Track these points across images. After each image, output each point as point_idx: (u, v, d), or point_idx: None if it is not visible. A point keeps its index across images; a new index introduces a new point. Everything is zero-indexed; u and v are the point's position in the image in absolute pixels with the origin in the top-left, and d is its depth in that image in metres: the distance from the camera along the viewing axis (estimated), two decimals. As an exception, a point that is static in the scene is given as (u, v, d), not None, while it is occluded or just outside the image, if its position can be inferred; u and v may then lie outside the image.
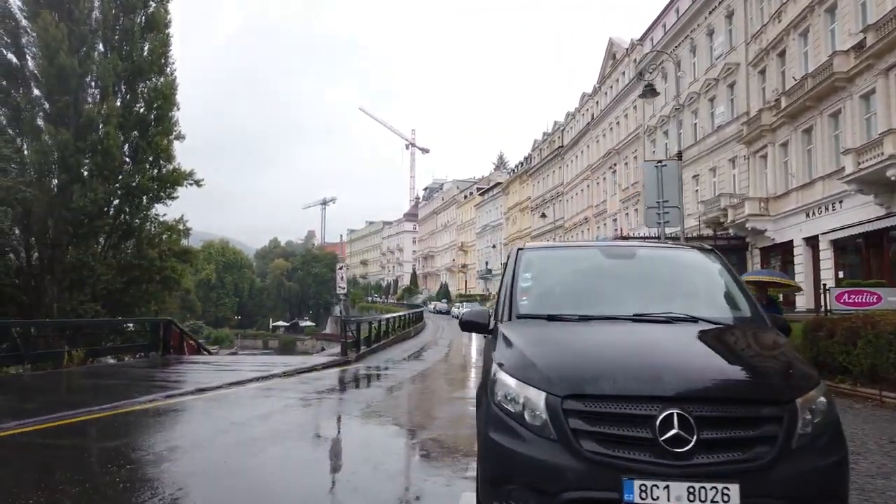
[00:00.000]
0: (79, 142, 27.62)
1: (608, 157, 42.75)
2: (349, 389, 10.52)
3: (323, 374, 12.01)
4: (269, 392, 9.18)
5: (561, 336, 3.14)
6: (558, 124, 57.73)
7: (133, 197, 30.43)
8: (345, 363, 13.78)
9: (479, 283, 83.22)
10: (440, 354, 19.44)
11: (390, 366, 14.62)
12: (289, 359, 15.46)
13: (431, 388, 11.18)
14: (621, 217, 40.67)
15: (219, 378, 10.19)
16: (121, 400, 7.63)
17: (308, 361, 13.69)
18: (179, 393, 8.43)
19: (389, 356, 17.29)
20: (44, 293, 28.62)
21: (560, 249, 5.09)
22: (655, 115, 35.29)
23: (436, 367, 14.82)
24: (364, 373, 12.91)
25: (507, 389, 2.79)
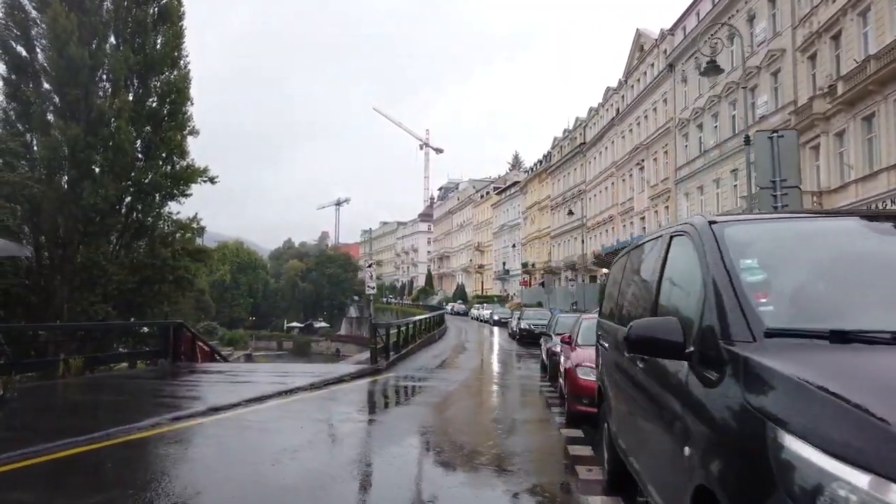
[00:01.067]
0: (89, 137, 26.60)
1: (635, 153, 41.09)
2: (391, 408, 9.20)
3: (353, 386, 10.75)
4: (295, 412, 7.84)
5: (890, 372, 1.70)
6: (580, 120, 56.08)
7: (145, 194, 29.37)
8: (375, 372, 12.45)
9: (495, 284, 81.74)
10: (474, 360, 18.14)
11: (426, 375, 13.34)
12: (312, 367, 14.00)
13: (484, 405, 9.82)
14: (650, 215, 38.99)
15: (235, 393, 8.81)
16: (114, 425, 6.16)
17: (335, 371, 12.30)
18: (188, 414, 6.97)
19: (420, 363, 16.00)
20: (53, 294, 27.62)
21: (788, 222, 3.11)
22: (688, 107, 33.61)
23: (476, 377, 13.60)
24: (400, 384, 11.63)
25: (825, 478, 1.42)
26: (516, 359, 18.77)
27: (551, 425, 7.48)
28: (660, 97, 37.54)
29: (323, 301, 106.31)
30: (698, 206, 32.39)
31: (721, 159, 29.76)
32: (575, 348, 7.87)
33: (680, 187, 34.55)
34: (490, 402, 10.18)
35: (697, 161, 32.40)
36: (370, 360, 13.13)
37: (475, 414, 8.83)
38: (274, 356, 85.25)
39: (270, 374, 12.08)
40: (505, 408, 9.50)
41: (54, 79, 27.40)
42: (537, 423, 7.75)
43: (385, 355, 13.81)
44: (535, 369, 15.04)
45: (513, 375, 14.26)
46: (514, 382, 12.90)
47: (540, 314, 24.90)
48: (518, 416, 8.71)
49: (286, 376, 11.34)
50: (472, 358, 19.15)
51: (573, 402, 7.00)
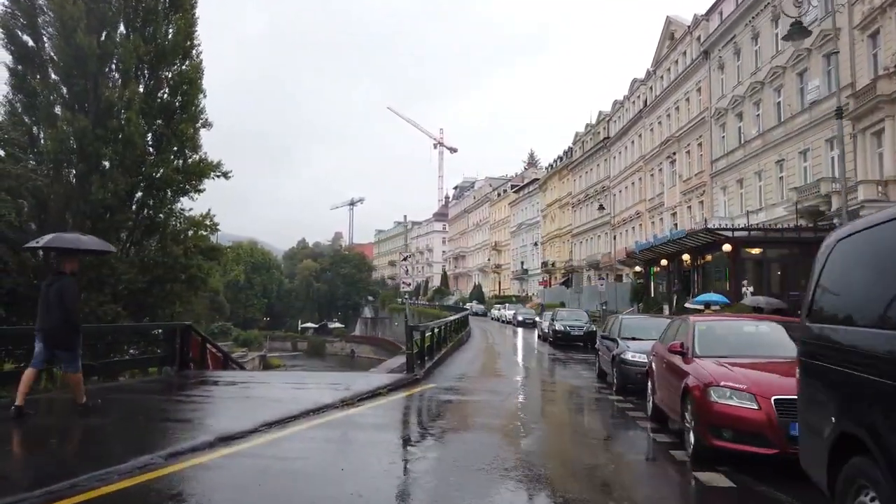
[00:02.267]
0: (98, 129, 25.37)
1: (665, 146, 39.20)
2: (450, 436, 6.93)
3: (393, 402, 9.04)
4: (330, 444, 6.14)
5: None
6: (603, 114, 54.20)
7: (157, 190, 28.13)
8: (413, 382, 10.79)
9: (513, 284, 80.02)
10: (514, 367, 16.55)
11: (470, 386, 11.78)
12: (338, 376, 12.17)
13: (561, 429, 8.05)
14: (682, 211, 37.08)
15: (250, 413, 7.21)
16: (87, 469, 4.46)
17: (367, 382, 10.32)
18: (189, 448, 5.28)
19: (457, 370, 14.41)
20: (62, 294, 26.45)
21: None
22: (726, 95, 31.71)
23: (528, 388, 12.02)
24: (446, 399, 9.98)
25: None
26: (560, 365, 17.11)
27: (673, 465, 5.80)
28: (693, 86, 35.63)
29: (337, 301, 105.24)
30: (738, 201, 30.50)
31: (764, 150, 27.86)
32: (692, 360, 6.23)
33: (716, 181, 32.64)
34: (567, 425, 8.40)
35: (737, 152, 30.51)
36: (406, 368, 11.49)
37: (558, 445, 7.03)
38: (289, 357, 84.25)
39: (291, 385, 10.40)
40: (593, 435, 7.72)
41: (61, 69, 26.24)
42: (654, 465, 5.98)
43: (420, 362, 12.23)
44: (588, 377, 13.47)
45: (569, 386, 12.60)
46: (577, 396, 11.28)
47: (576, 315, 23.19)
48: (618, 447, 6.80)
49: (310, 389, 9.76)
50: (511, 364, 17.55)
51: (707, 433, 5.39)
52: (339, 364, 79.59)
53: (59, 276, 7.18)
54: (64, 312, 6.89)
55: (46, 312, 6.98)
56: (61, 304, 6.86)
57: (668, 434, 7.02)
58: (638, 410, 8.86)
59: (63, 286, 6.99)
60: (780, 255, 23.57)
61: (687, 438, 5.89)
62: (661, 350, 7.48)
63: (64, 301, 6.88)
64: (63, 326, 6.91)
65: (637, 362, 9.83)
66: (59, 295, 6.89)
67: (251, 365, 63.13)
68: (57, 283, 7.03)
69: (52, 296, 6.91)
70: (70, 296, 7.04)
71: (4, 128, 24.35)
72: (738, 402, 5.13)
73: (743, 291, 21.50)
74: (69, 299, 7.00)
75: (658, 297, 30.76)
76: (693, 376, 5.80)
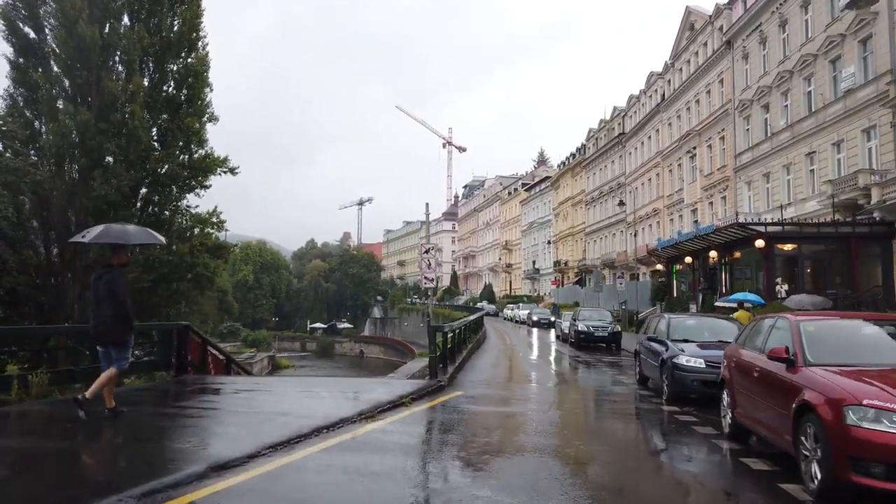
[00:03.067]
0: (101, 123, 24.55)
1: (685, 141, 37.94)
2: (495, 460, 5.67)
3: (418, 414, 7.87)
4: (350, 474, 4.91)
5: None
6: (618, 110, 52.94)
7: (162, 186, 27.30)
8: (437, 389, 9.58)
9: (524, 284, 78.90)
10: (542, 371, 15.40)
11: (503, 394, 10.62)
12: (353, 382, 10.82)
13: (628, 455, 6.58)
14: (703, 207, 35.82)
15: (252, 431, 6.07)
16: None
17: (387, 390, 9.00)
18: (172, 482, 4.11)
19: (483, 375, 13.35)
20: (65, 293, 25.71)
21: None
22: (751, 86, 30.44)
23: (565, 397, 10.85)
24: (480, 411, 8.72)
25: None
26: (591, 368, 15.89)
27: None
28: (715, 78, 34.38)
29: (346, 301, 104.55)
30: (764, 195, 29.24)
31: (793, 142, 26.59)
32: (802, 369, 5.03)
33: (740, 175, 31.39)
34: (632, 446, 7.21)
35: (763, 145, 29.25)
36: (429, 374, 10.31)
37: (633, 475, 5.68)
38: (298, 357, 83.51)
39: (301, 393, 9.21)
40: (669, 460, 6.36)
41: (63, 61, 25.45)
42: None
43: (443, 366, 11.12)
44: (628, 383, 12.27)
45: (611, 394, 11.29)
46: (625, 405, 9.99)
47: (599, 314, 22.01)
48: (712, 480, 5.47)
49: (322, 398, 8.66)
50: (538, 367, 16.45)
51: (844, 467, 4.21)
52: (348, 365, 78.74)
53: (108, 268, 6.86)
54: (115, 306, 6.56)
55: (97, 307, 6.70)
56: (112, 297, 6.55)
57: (761, 459, 5.78)
58: (705, 425, 7.65)
59: (113, 278, 6.67)
60: (815, 252, 22.36)
61: (807, 471, 4.70)
62: (747, 356, 6.31)
63: (114, 294, 6.56)
64: (114, 321, 6.60)
65: (693, 368, 8.73)
66: (109, 288, 6.58)
67: (259, 366, 62.40)
68: (106, 275, 6.72)
69: (101, 289, 6.62)
70: (121, 288, 6.69)
71: (3, 119, 23.62)
72: (892, 428, 4.01)
73: (777, 290, 20.32)
74: (120, 291, 6.65)
75: (681, 296, 29.56)
76: (814, 391, 4.60)
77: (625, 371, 15.09)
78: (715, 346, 9.06)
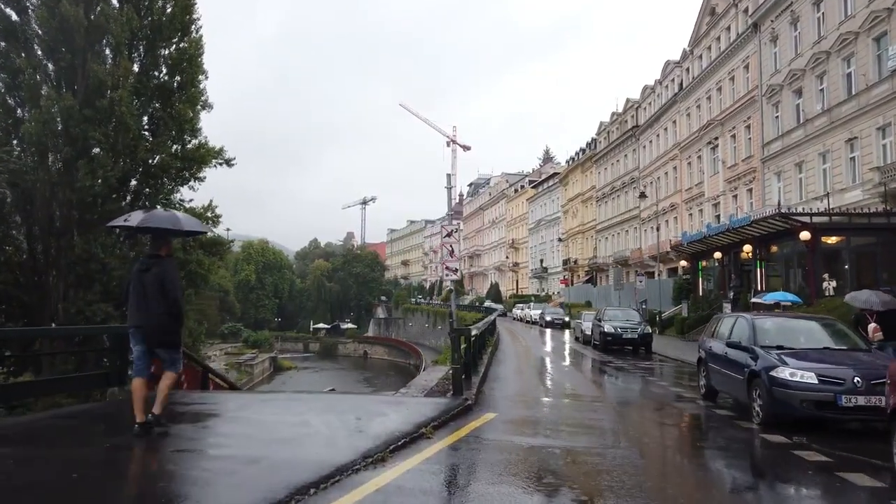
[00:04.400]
0: (86, 109, 22.80)
1: (706, 131, 36.03)
2: None
3: (448, 452, 5.73)
4: None
5: None
6: (631, 102, 51.03)
7: (153, 177, 25.60)
8: (465, 410, 7.51)
9: (532, 283, 77.06)
10: (579, 380, 13.37)
11: (548, 415, 8.55)
12: (359, 402, 7.82)
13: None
14: (726, 200, 33.90)
15: (217, 487, 4.16)
16: None
17: (405, 415, 6.81)
18: None
19: (513, 386, 11.33)
20: (49, 292, 23.98)
21: None
22: (780, 70, 28.52)
23: (631, 420, 8.38)
24: (529, 444, 6.53)
25: None
26: (632, 378, 13.96)
27: None
28: (739, 63, 32.47)
29: (350, 302, 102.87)
30: (796, 186, 27.32)
31: (831, 127, 24.68)
32: None
33: (769, 166, 29.48)
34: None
35: (795, 133, 27.34)
36: (452, 389, 8.23)
37: None
38: (300, 358, 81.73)
39: (285, 419, 6.71)
40: None
41: (45, 42, 23.74)
42: None
43: (467, 376, 9.20)
44: (688, 397, 10.16)
45: (678, 415, 8.95)
46: (715, 432, 7.75)
47: (627, 314, 20.09)
48: None
49: (312, 427, 6.31)
50: (572, 376, 14.26)
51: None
52: (351, 366, 76.91)
53: (156, 259, 5.89)
54: (167, 302, 5.70)
55: (144, 304, 5.72)
56: (163, 293, 5.68)
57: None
58: (849, 470, 5.53)
59: (164, 271, 5.81)
60: (862, 244, 20.45)
61: None
62: None
63: (166, 289, 5.71)
64: (167, 319, 5.73)
65: (802, 385, 6.74)
66: (160, 282, 5.70)
67: (260, 368, 60.65)
68: (155, 267, 5.79)
69: (149, 283, 5.70)
70: (174, 282, 5.85)
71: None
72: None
73: (824, 287, 18.45)
74: (173, 286, 5.80)
75: (708, 294, 27.66)
76: None
77: (674, 380, 13.23)
78: (826, 357, 7.30)
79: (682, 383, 12.50)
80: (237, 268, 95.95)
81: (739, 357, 7.74)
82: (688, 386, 11.99)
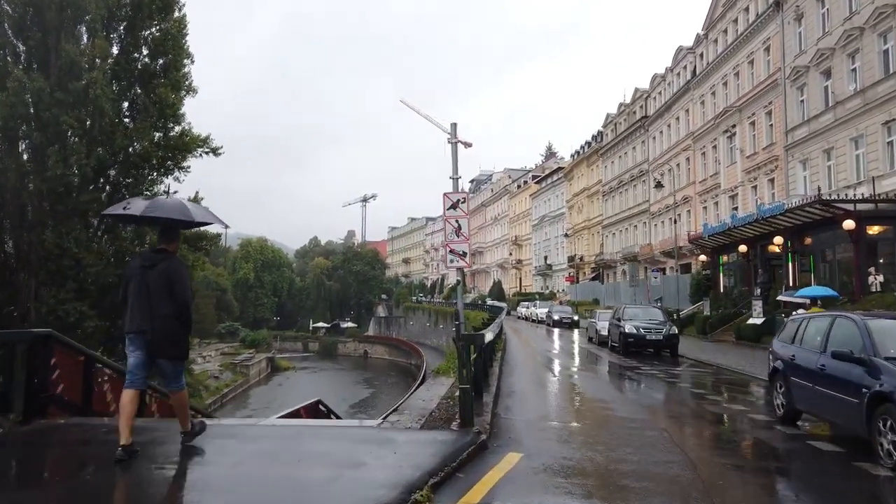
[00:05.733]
0: (58, 92, 21.06)
1: (722, 119, 34.15)
2: None
3: None
4: None
5: None
6: (640, 91, 49.13)
7: (134, 167, 23.84)
8: (478, 450, 5.45)
9: (536, 280, 75.22)
10: (608, 392, 11.17)
11: (592, 458, 5.91)
12: (324, 441, 5.10)
13: None
14: (744, 192, 32.04)
15: None
16: None
17: (392, 465, 4.69)
18: None
19: (533, 407, 9.10)
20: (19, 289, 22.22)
21: None
22: (806, 51, 26.64)
23: (702, 461, 5.93)
24: None
25: None
26: (671, 388, 11.79)
27: None
28: (760, 45, 30.59)
29: (350, 300, 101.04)
30: (824, 174, 25.46)
31: (865, 109, 22.83)
32: None
33: (793, 153, 27.63)
34: None
35: (823, 117, 25.48)
36: (458, 417, 6.13)
37: None
38: (299, 358, 79.86)
39: (218, 474, 4.65)
40: None
41: (14, 20, 21.98)
42: None
43: (478, 395, 7.26)
44: (761, 420, 8.01)
45: (766, 450, 6.85)
46: (825, 479, 5.56)
47: (648, 313, 18.22)
48: None
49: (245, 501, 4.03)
50: (603, 389, 11.79)
51: None
52: (351, 366, 75.05)
53: (163, 254, 5.04)
54: (176, 306, 4.88)
55: (147, 305, 4.84)
56: (171, 294, 4.85)
57: None
58: None
59: (171, 268, 4.95)
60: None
61: None
62: None
63: (175, 289, 4.88)
64: (174, 325, 4.90)
65: None
66: (168, 280, 4.85)
67: (257, 368, 58.75)
68: (162, 263, 4.93)
69: (153, 282, 4.86)
70: (183, 281, 4.99)
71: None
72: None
73: (871, 281, 16.64)
74: (182, 286, 4.95)
75: (729, 291, 25.82)
76: None
77: (726, 393, 11.26)
78: None
79: (739, 398, 10.53)
80: (235, 266, 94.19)
81: (849, 372, 5.68)
82: (748, 402, 10.10)
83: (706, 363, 15.74)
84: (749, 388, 11.79)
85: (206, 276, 77.78)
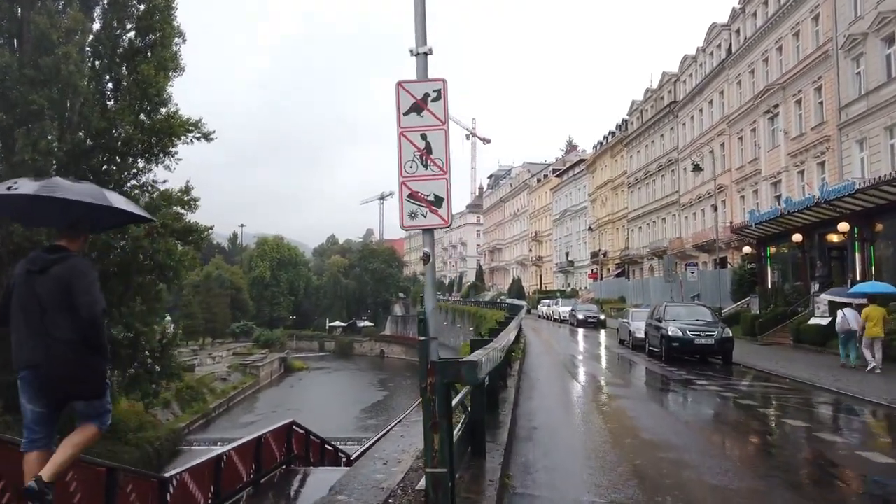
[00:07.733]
0: (27, 69, 19.14)
1: (763, 99, 31.12)
2: None
3: None
4: None
5: None
6: (668, 75, 46.10)
7: (118, 153, 21.85)
8: None
9: (557, 278, 72.41)
10: (671, 423, 8.09)
11: None
12: None
13: None
14: (789, 178, 29.02)
15: None
16: None
17: None
18: None
19: (565, 467, 5.81)
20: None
21: None
22: (864, 16, 23.63)
23: None
24: None
25: None
26: (760, 417, 8.75)
27: None
28: (807, 14, 27.55)
29: (367, 299, 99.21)
30: (887, 155, 22.46)
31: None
32: None
33: (848, 132, 24.63)
34: None
35: (885, 89, 22.48)
36: None
37: None
38: (315, 358, 78.20)
39: None
40: None
41: (-20, -10, 20.07)
42: None
43: (478, 459, 4.53)
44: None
45: None
46: None
47: (693, 312, 15.40)
48: None
49: None
50: (668, 422, 8.42)
51: None
52: (368, 366, 73.11)
53: (57, 253, 3.35)
54: (79, 324, 3.21)
55: (39, 327, 3.24)
56: (72, 308, 3.21)
57: None
58: None
59: (72, 272, 3.26)
60: None
61: None
62: None
63: (78, 301, 3.21)
64: (79, 353, 3.22)
65: None
66: (65, 289, 3.22)
67: (269, 369, 56.97)
68: (56, 266, 3.28)
69: (46, 293, 3.24)
70: (89, 288, 3.26)
71: None
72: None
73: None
74: (88, 295, 3.25)
75: (780, 286, 22.94)
76: None
77: (828, 422, 8.69)
78: None
79: (854, 426, 7.89)
80: (252, 265, 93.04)
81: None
82: (878, 438, 7.57)
83: (773, 374, 12.77)
84: (852, 411, 9.12)
85: (220, 273, 77.09)
